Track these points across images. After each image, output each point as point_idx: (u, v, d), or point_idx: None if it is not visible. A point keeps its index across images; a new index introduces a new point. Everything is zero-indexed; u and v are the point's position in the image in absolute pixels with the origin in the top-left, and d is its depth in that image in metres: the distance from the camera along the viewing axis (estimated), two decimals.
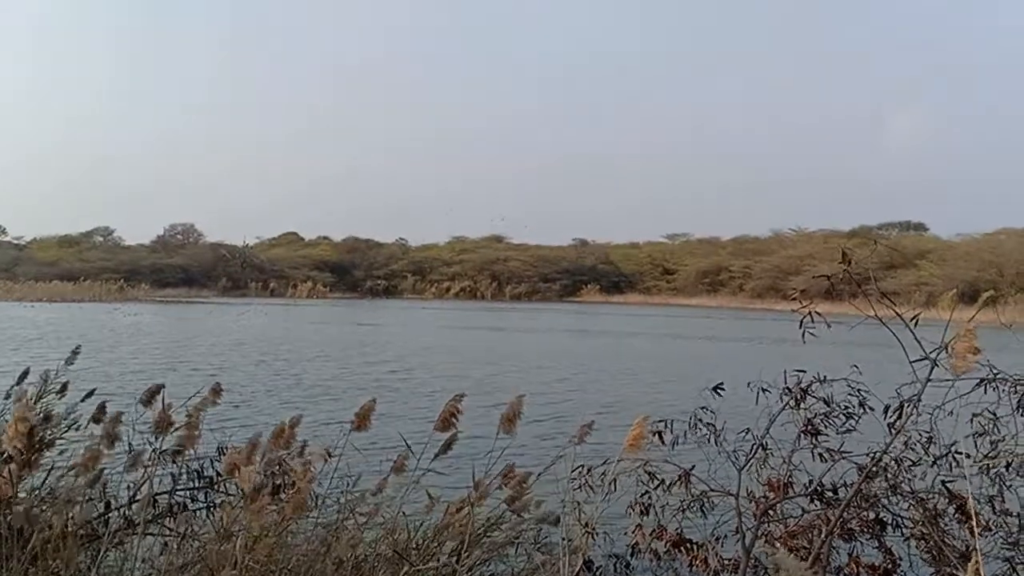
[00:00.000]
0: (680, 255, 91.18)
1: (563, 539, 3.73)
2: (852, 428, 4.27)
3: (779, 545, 4.26)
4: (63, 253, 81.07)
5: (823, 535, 4.08)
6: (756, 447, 4.38)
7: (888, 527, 4.25)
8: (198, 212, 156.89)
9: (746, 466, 4.37)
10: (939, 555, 3.92)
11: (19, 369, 4.75)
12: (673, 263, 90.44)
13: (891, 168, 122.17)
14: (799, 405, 4.34)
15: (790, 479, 4.39)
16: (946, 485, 4.04)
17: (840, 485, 4.22)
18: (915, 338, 3.72)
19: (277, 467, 4.00)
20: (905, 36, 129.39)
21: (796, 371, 4.41)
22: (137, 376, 16.85)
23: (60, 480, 3.83)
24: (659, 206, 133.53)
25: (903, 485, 4.11)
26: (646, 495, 4.55)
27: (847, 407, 4.27)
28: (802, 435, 4.36)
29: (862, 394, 4.24)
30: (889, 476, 4.11)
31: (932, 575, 4.08)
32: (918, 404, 3.86)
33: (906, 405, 3.91)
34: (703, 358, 27.31)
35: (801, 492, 4.34)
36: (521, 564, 4.40)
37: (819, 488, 4.23)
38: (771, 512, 4.34)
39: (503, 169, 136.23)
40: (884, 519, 4.24)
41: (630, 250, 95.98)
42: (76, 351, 4.93)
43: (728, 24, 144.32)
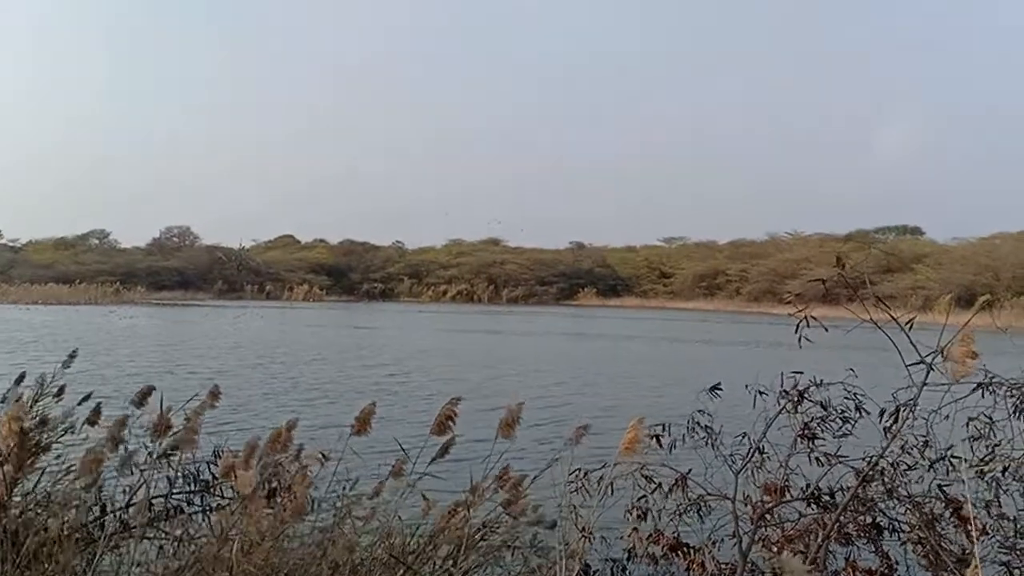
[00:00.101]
0: (677, 259, 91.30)
1: (560, 543, 3.72)
2: (848, 432, 4.28)
3: (776, 549, 4.26)
4: (59, 255, 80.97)
5: (820, 539, 4.08)
6: (753, 451, 4.38)
7: (885, 531, 4.25)
8: (196, 214, 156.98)
9: (743, 470, 4.38)
10: (936, 559, 3.92)
11: (15, 372, 4.72)
12: (670, 267, 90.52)
13: (887, 172, 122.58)
14: (796, 409, 4.34)
15: (787, 483, 4.40)
16: (942, 489, 4.04)
17: (837, 489, 4.22)
18: (911, 342, 3.73)
19: (273, 471, 3.99)
20: (905, 36, 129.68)
21: (793, 373, 4.42)
22: (133, 379, 16.78)
23: (56, 484, 3.82)
24: (656, 210, 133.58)
25: (900, 489, 4.12)
26: (643, 499, 4.55)
27: (843, 411, 4.28)
28: (799, 439, 4.36)
29: (858, 398, 4.25)
30: (886, 480, 4.11)
31: None
32: (914, 408, 3.87)
33: (902, 409, 3.91)
34: (700, 362, 27.31)
35: (798, 496, 4.34)
36: (518, 568, 4.38)
37: (816, 492, 4.23)
38: (768, 516, 4.34)
39: (502, 170, 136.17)
40: (881, 523, 4.24)
41: (627, 253, 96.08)
42: (73, 355, 4.90)
43: (728, 24, 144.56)
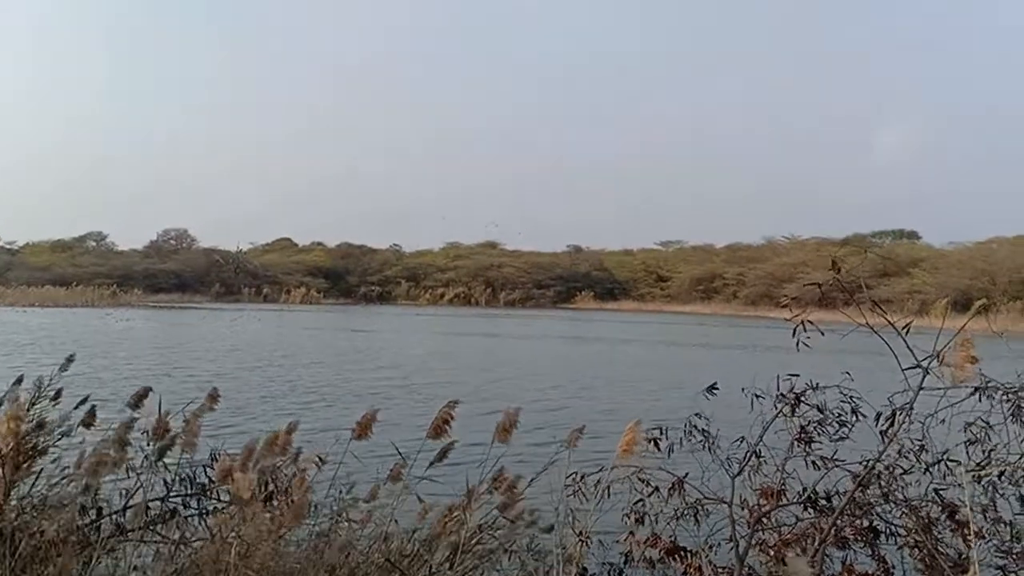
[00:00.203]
0: (674, 262, 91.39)
1: (557, 547, 3.73)
2: (845, 436, 4.29)
3: (773, 553, 4.26)
4: (56, 258, 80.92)
5: (817, 543, 4.09)
6: (750, 455, 4.39)
7: (881, 535, 4.25)
8: (195, 215, 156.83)
9: (740, 474, 4.38)
10: (932, 563, 3.92)
11: (12, 375, 4.72)
12: (667, 270, 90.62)
13: (887, 173, 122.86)
14: (793, 412, 4.35)
15: (784, 487, 4.40)
16: (939, 493, 4.05)
17: (834, 493, 4.23)
18: (907, 346, 3.74)
19: (271, 474, 3.99)
20: (905, 36, 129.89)
21: (789, 375, 4.42)
22: (129, 382, 16.75)
23: (53, 487, 3.81)
24: (654, 212, 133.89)
25: (896, 493, 4.12)
26: (640, 503, 4.55)
27: (840, 415, 4.29)
28: (795, 443, 4.37)
29: (855, 402, 4.26)
30: (882, 484, 4.12)
31: None
32: (910, 412, 3.88)
33: (898, 413, 3.92)
34: (697, 365, 27.32)
35: (795, 500, 4.34)
36: (515, 572, 4.38)
37: (813, 496, 4.24)
38: (765, 520, 4.35)
39: (501, 171, 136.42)
40: (877, 527, 4.25)
41: (624, 257, 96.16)
42: (70, 359, 4.90)
43: (728, 24, 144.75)
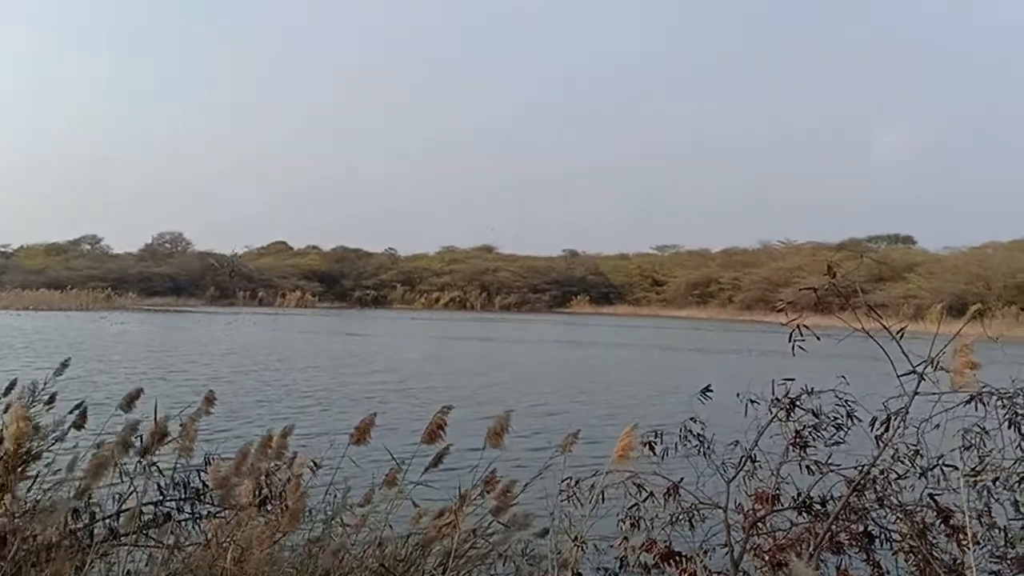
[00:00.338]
0: (669, 267, 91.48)
1: (552, 552, 3.72)
2: (840, 441, 4.29)
3: (767, 558, 4.26)
4: (50, 261, 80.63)
5: (812, 548, 4.08)
6: (745, 459, 4.39)
7: (876, 540, 4.26)
8: (194, 215, 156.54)
9: (735, 478, 4.38)
10: (927, 568, 3.92)
11: (6, 379, 4.71)
12: (662, 274, 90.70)
13: (886, 174, 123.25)
14: (788, 417, 4.35)
15: (778, 492, 4.40)
16: (934, 498, 4.05)
17: (829, 498, 4.23)
18: (902, 351, 3.75)
19: (265, 479, 3.98)
20: (905, 36, 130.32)
21: (784, 380, 4.42)
22: (124, 386, 16.68)
23: (48, 491, 3.80)
24: (652, 215, 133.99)
25: (891, 498, 4.12)
26: (635, 507, 4.55)
27: (835, 419, 4.29)
28: (791, 447, 4.37)
29: (850, 406, 4.26)
30: (877, 489, 4.12)
31: None
32: (906, 417, 3.88)
33: (893, 418, 3.93)
34: (693, 370, 27.35)
35: (789, 505, 4.34)
36: None
37: (807, 501, 4.24)
38: (759, 525, 4.34)
39: (501, 171, 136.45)
40: (872, 532, 4.25)
41: (620, 261, 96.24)
42: (65, 363, 4.89)
43: (728, 24, 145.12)
